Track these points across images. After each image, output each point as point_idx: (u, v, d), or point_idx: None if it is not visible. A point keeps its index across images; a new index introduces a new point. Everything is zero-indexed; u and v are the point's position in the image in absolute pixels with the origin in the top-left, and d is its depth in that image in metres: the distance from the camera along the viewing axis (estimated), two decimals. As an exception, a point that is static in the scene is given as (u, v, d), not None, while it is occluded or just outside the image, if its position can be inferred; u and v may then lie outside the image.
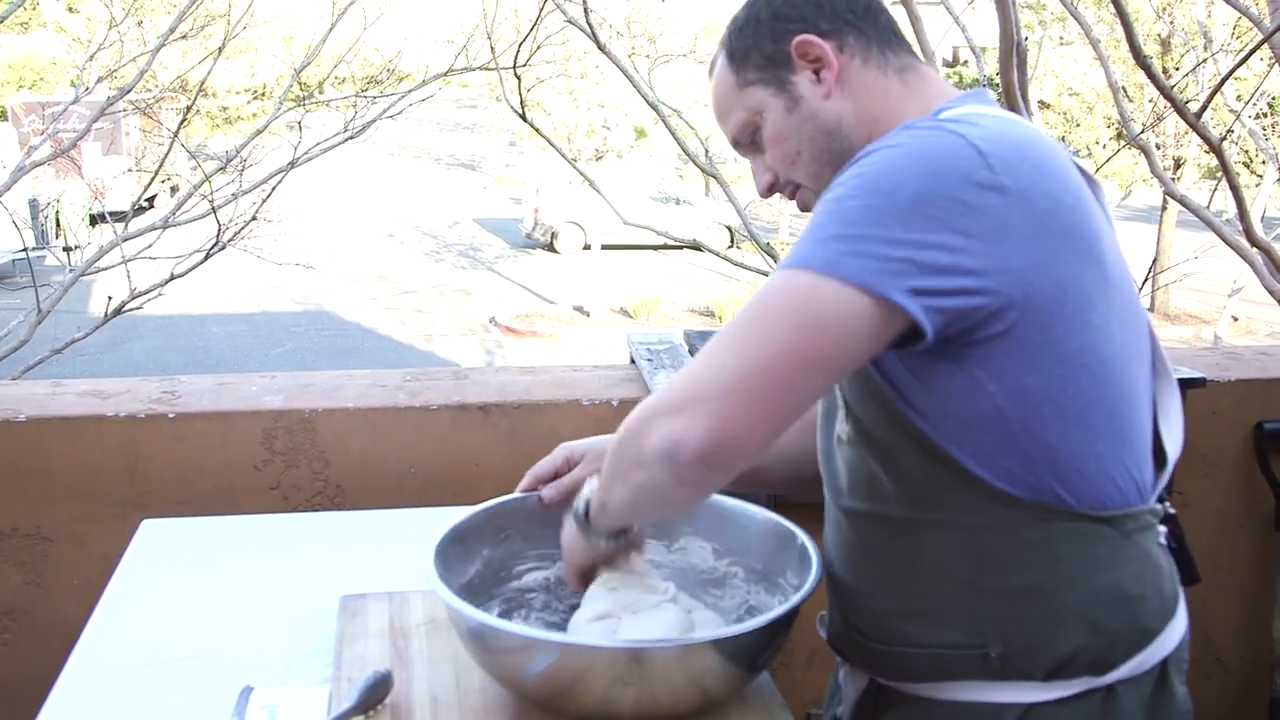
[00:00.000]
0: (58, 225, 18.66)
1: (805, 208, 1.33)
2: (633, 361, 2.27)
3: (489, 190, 27.56)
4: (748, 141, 1.36)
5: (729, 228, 22.16)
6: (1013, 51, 2.78)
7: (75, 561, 2.04)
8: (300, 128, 4.71)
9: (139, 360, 13.35)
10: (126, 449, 1.98)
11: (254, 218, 4.42)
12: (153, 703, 1.37)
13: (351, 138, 4.79)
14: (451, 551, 1.44)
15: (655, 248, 21.20)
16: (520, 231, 21.97)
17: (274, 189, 4.48)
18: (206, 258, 4.21)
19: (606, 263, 18.94)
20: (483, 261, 20.38)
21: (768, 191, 1.37)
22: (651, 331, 2.43)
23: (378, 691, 1.32)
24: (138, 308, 3.97)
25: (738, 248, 22.18)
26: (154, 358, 13.52)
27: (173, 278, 4.04)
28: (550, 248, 21.22)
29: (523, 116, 3.91)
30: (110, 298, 3.99)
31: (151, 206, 19.26)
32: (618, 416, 2.10)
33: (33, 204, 18.30)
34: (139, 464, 1.98)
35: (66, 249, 17.05)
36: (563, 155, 4.21)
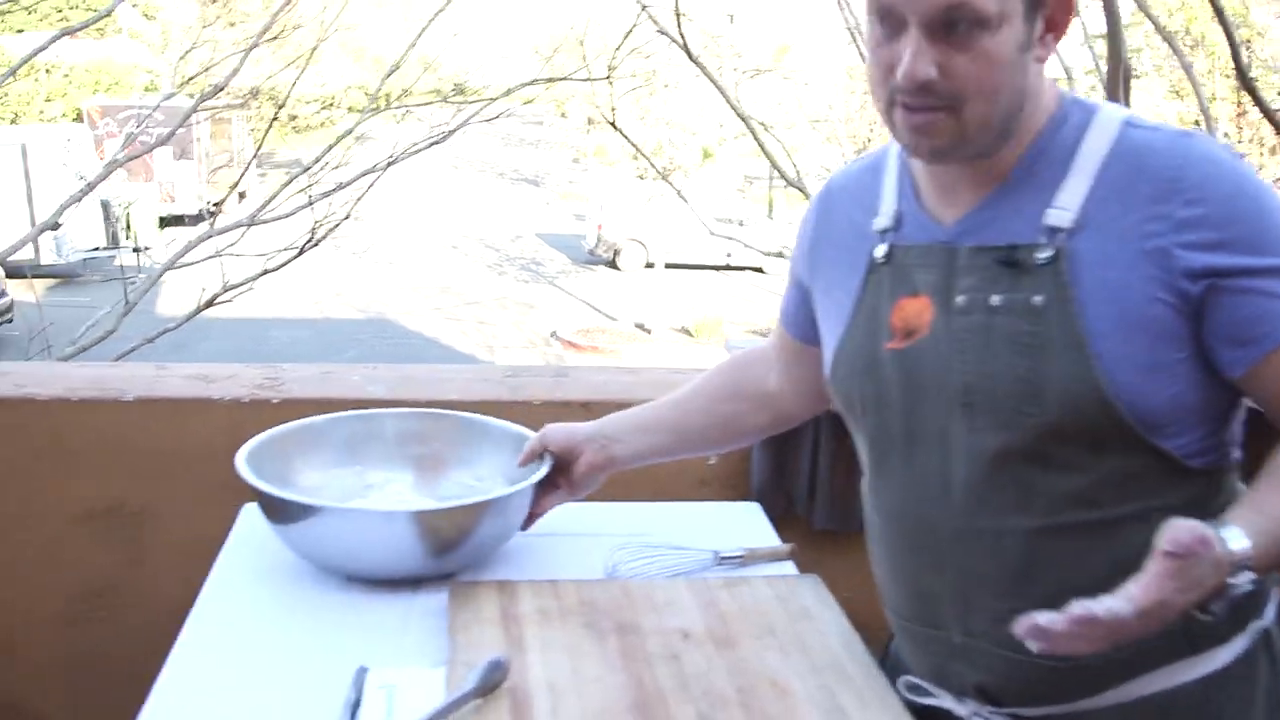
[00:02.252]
0: (128, 227, 18.96)
1: (929, 133, 1.20)
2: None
3: (552, 206, 27.71)
4: (952, 24, 1.16)
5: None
6: (1119, 71, 2.76)
7: (175, 542, 2.05)
8: (364, 135, 4.76)
9: (204, 362, 13.51)
10: (230, 432, 1.99)
11: (347, 216, 4.47)
12: (264, 682, 1.36)
13: (438, 142, 4.83)
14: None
15: (718, 268, 21.20)
16: (583, 247, 22.06)
17: (370, 187, 4.53)
18: (300, 253, 4.27)
19: (669, 281, 18.96)
20: (545, 276, 20.48)
21: (919, 85, 1.17)
22: (747, 340, 2.42)
23: (495, 676, 1.31)
24: (229, 300, 4.02)
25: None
26: (218, 360, 13.67)
27: (265, 272, 4.09)
28: (612, 265, 21.28)
29: (613, 125, 3.93)
30: (204, 289, 4.04)
31: (220, 211, 19.53)
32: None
33: (105, 205, 18.61)
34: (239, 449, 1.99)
35: (136, 250, 17.34)
36: (651, 164, 4.22)
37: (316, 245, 4.34)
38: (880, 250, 1.34)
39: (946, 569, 1.31)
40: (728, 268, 21.40)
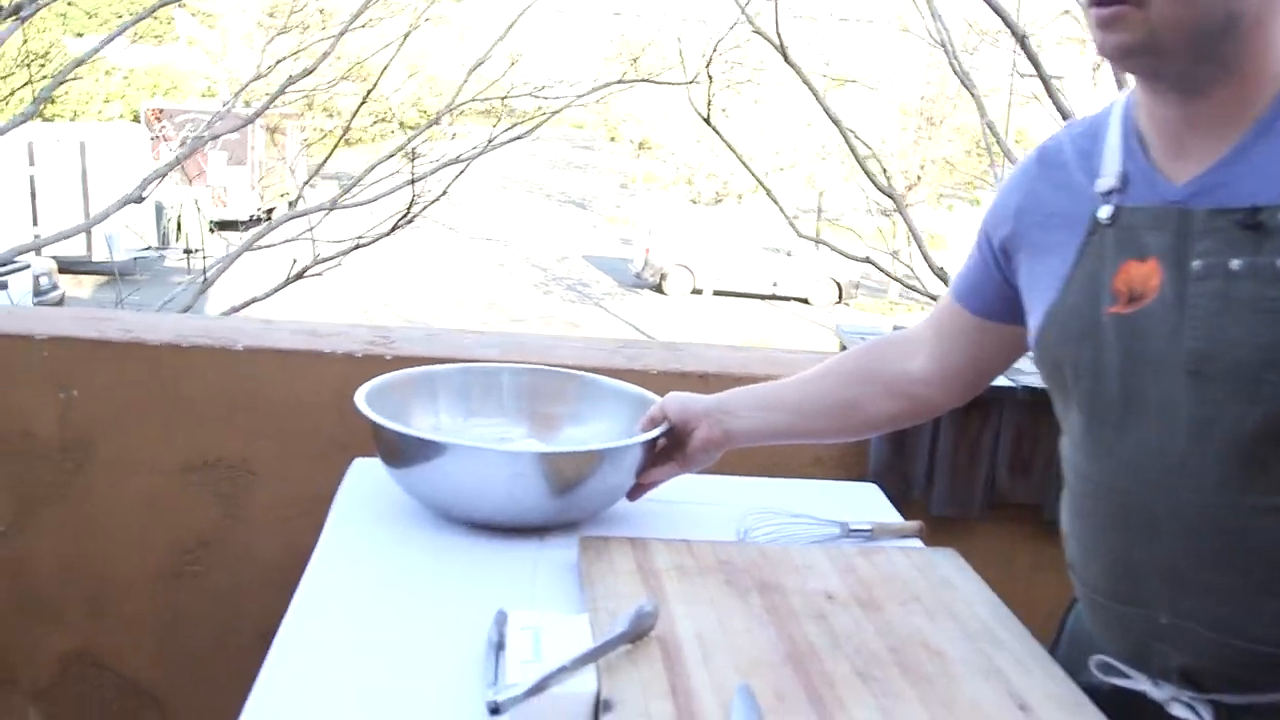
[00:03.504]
0: (178, 228, 19.10)
1: (1115, 26, 1.15)
2: (843, 348, 2.20)
3: (599, 229, 27.73)
4: None
5: (837, 282, 22.06)
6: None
7: (277, 499, 2.01)
8: (418, 151, 4.75)
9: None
10: (339, 388, 1.95)
11: (445, 192, 4.44)
12: (395, 627, 1.31)
13: (520, 137, 4.82)
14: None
15: (764, 297, 21.14)
16: (629, 271, 22.05)
17: (465, 169, 4.52)
18: (394, 229, 4.25)
19: (714, 307, 18.92)
20: (590, 297, 20.47)
21: None
22: (859, 322, 2.37)
23: (645, 622, 1.25)
24: (319, 274, 4.00)
25: (845, 303, 22.08)
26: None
27: (358, 246, 4.07)
28: (659, 289, 21.26)
29: (707, 120, 3.89)
30: (295, 260, 4.03)
31: (269, 219, 19.68)
32: (836, 396, 2.04)
33: (158, 206, 18.77)
34: (349, 404, 1.95)
35: (187, 251, 17.43)
36: (748, 168, 4.17)
37: (411, 221, 4.32)
38: (1105, 212, 1.26)
39: (1160, 544, 1.23)
40: (774, 297, 21.34)
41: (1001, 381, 2.00)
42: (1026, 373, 2.07)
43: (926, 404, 1.60)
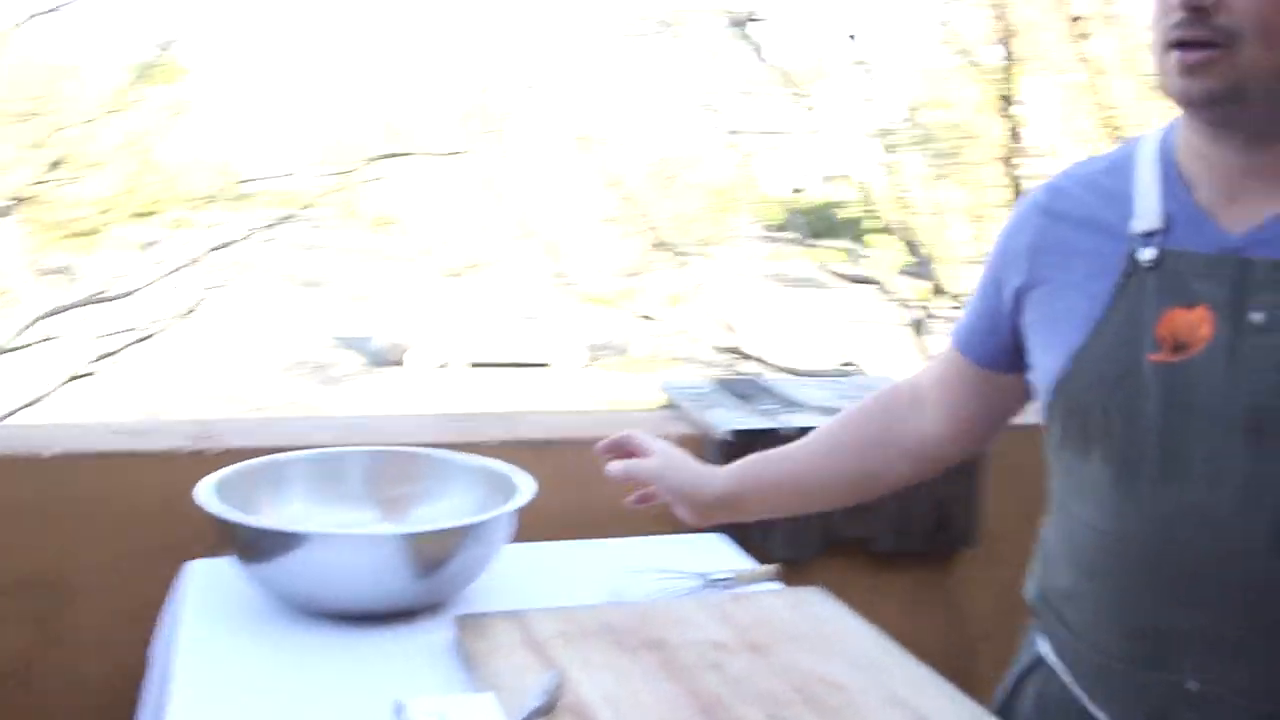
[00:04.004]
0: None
1: (1202, 73, 1.11)
2: (668, 406, 2.24)
3: (339, 309, 27.16)
4: None
5: (583, 346, 22.30)
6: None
7: (98, 614, 1.88)
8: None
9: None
10: (164, 490, 1.86)
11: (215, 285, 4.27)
12: None
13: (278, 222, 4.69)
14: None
15: (514, 365, 21.14)
16: (371, 348, 21.67)
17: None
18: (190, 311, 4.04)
19: (459, 379, 18.83)
20: (335, 379, 20.03)
21: (1192, 8, 1.10)
22: (683, 380, 2.41)
23: (557, 693, 1.24)
24: (91, 373, 3.78)
25: (591, 365, 22.31)
26: None
27: (141, 339, 3.86)
28: (400, 363, 20.98)
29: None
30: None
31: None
32: (674, 452, 2.07)
33: None
34: (177, 505, 1.85)
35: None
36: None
37: (191, 312, 4.14)
38: (1147, 254, 1.19)
39: (1198, 607, 1.17)
40: (519, 364, 21.36)
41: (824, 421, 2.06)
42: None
43: (942, 461, 1.52)
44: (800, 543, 2.07)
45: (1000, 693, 1.42)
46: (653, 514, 2.03)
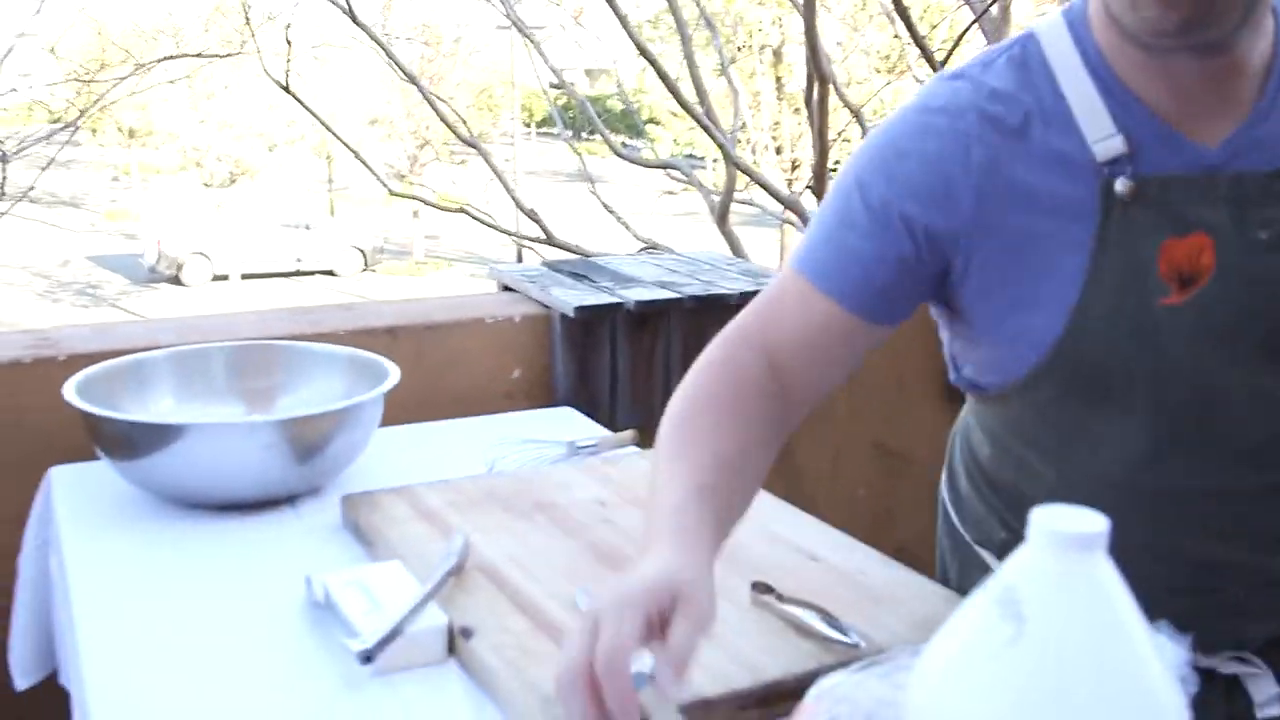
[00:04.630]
0: None
1: (1173, 6, 0.98)
2: (504, 288, 2.27)
3: (98, 227, 25.87)
4: None
5: (361, 250, 21.90)
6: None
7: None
8: None
9: None
10: (10, 400, 1.81)
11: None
12: (205, 628, 1.25)
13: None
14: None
15: (290, 274, 20.62)
16: (142, 266, 20.80)
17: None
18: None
19: (241, 291, 18.26)
20: (104, 298, 19.17)
21: None
22: (511, 265, 2.44)
23: (465, 554, 1.29)
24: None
25: (371, 270, 21.95)
26: None
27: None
28: (176, 280, 20.22)
29: (286, 89, 3.78)
30: None
31: None
32: (520, 331, 2.12)
33: None
34: (28, 416, 1.80)
35: None
36: (332, 133, 4.09)
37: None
38: (1123, 185, 1.06)
39: (1245, 531, 1.14)
40: (300, 273, 20.85)
41: (667, 294, 2.15)
42: (683, 285, 2.23)
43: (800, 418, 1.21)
44: (645, 410, 2.16)
45: None
46: (503, 392, 2.09)
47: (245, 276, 18.78)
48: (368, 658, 1.10)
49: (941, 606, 1.21)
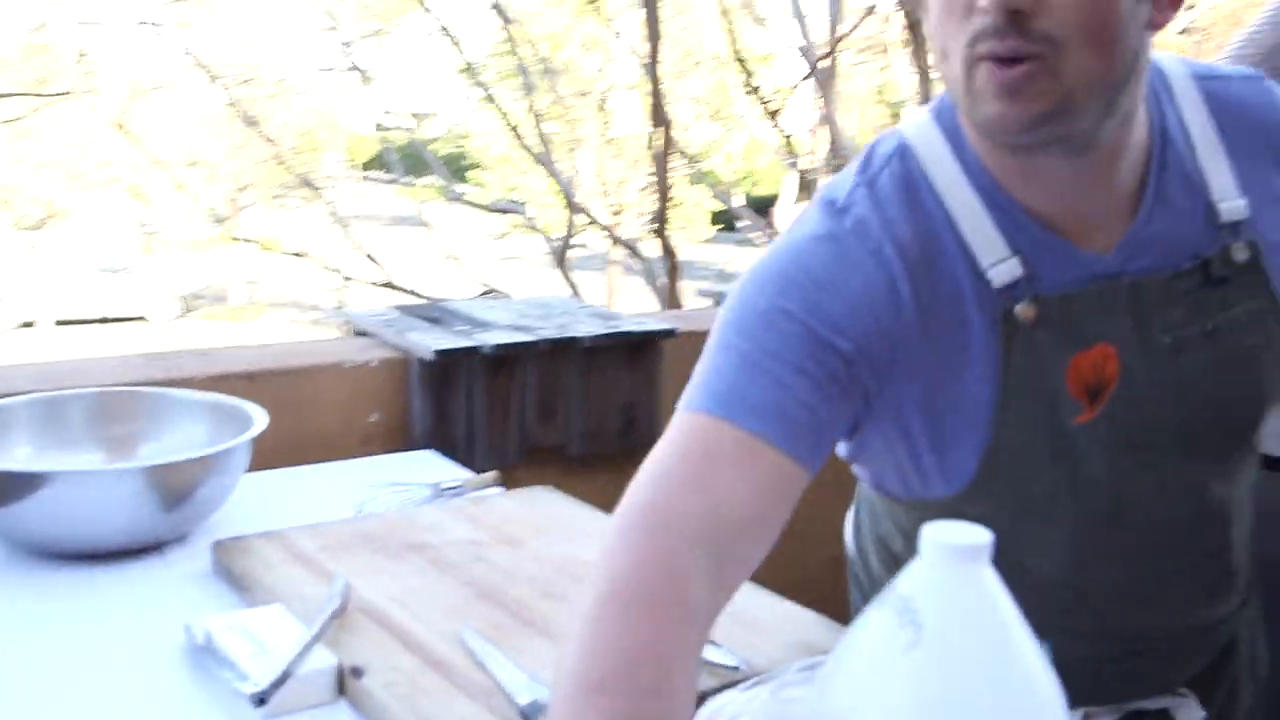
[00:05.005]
0: None
1: (1024, 93, 0.94)
2: (360, 333, 2.28)
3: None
4: None
5: (179, 296, 21.32)
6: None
7: None
8: None
9: None
10: None
11: None
12: (78, 682, 1.23)
13: None
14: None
15: (101, 321, 19.89)
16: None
17: None
18: None
19: (50, 339, 17.57)
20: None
21: (1009, 13, 0.91)
22: (364, 309, 2.45)
23: (346, 596, 1.31)
24: None
25: (188, 316, 21.36)
26: None
27: None
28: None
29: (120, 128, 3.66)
30: None
31: None
32: (377, 375, 2.13)
33: None
34: None
35: None
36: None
37: None
38: (1025, 309, 1.03)
39: (1165, 596, 1.20)
40: (110, 319, 20.15)
41: (523, 337, 2.19)
42: (541, 326, 2.28)
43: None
44: (502, 452, 2.19)
45: None
46: (361, 436, 2.10)
47: (60, 323, 18.04)
48: (261, 700, 1.11)
49: (813, 632, 1.28)
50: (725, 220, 13.63)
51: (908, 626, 0.71)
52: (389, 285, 4.35)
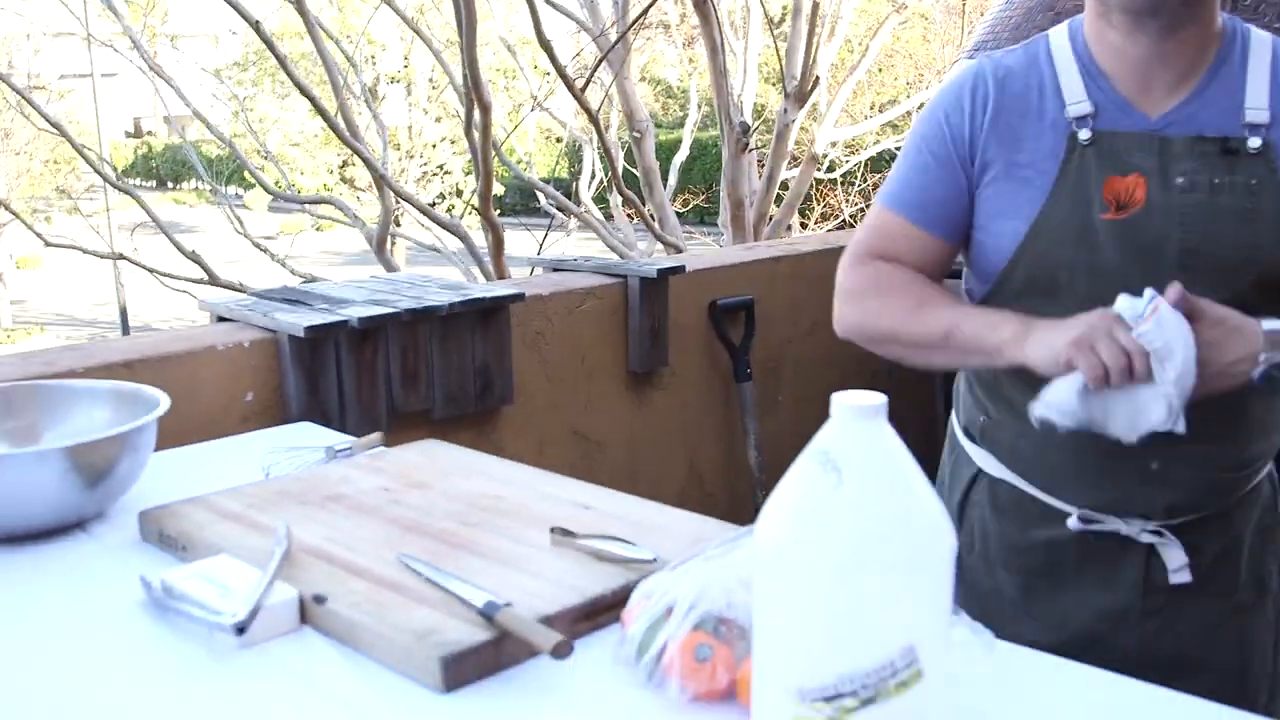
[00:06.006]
0: None
1: None
2: (219, 319, 2.38)
3: None
4: None
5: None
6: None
7: None
8: None
9: None
10: None
11: None
12: (48, 658, 1.32)
13: None
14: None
15: None
16: None
17: None
18: None
19: None
20: None
21: None
22: (220, 298, 2.53)
23: (289, 539, 1.44)
24: None
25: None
26: None
27: None
28: None
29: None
30: None
31: None
32: (250, 356, 2.24)
33: None
34: None
35: None
36: None
37: None
38: (1084, 134, 1.53)
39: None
40: None
41: (384, 310, 2.32)
42: (404, 297, 2.41)
43: None
44: (373, 419, 2.32)
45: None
46: (240, 415, 2.21)
47: None
48: (240, 629, 1.24)
49: (706, 529, 1.48)
50: (525, 204, 13.69)
51: (831, 472, 0.90)
52: (211, 281, 4.37)
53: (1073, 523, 1.63)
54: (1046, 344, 1.43)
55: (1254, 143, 1.51)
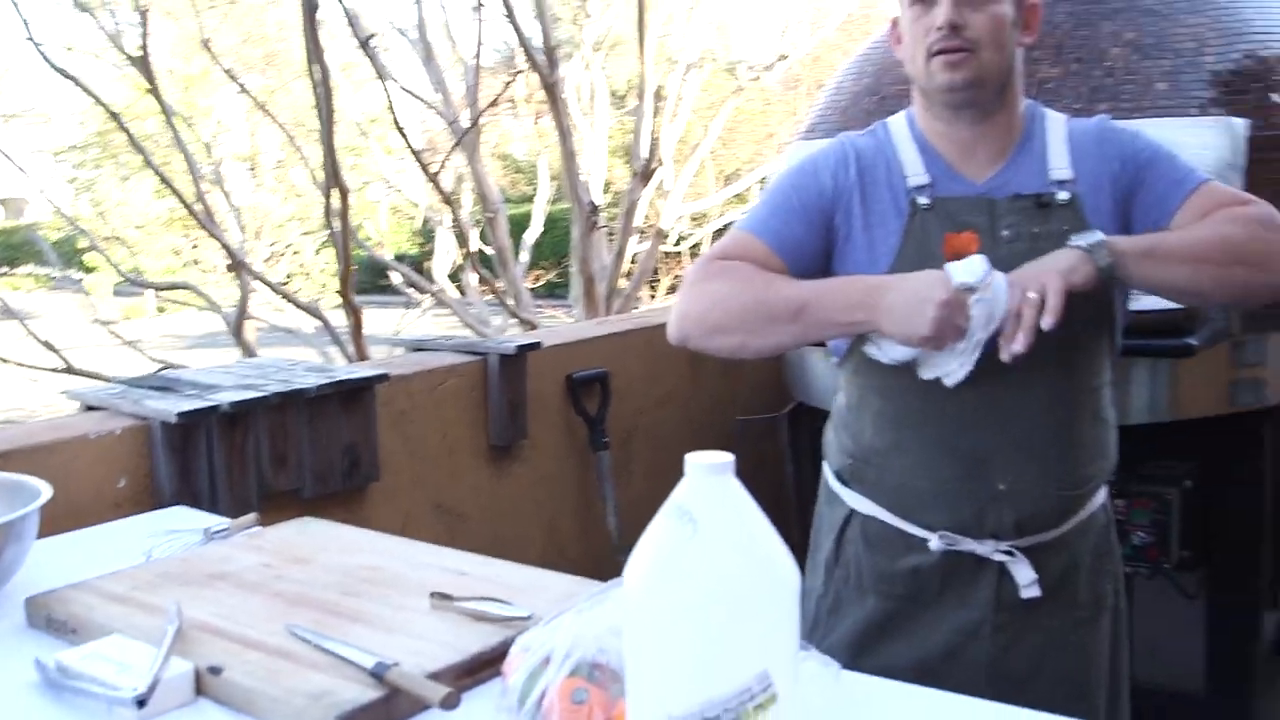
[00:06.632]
0: None
1: (960, 67, 1.77)
2: (89, 408, 2.41)
3: None
4: None
5: None
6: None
7: None
8: None
9: None
10: None
11: None
12: None
13: None
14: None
15: None
16: None
17: None
18: None
19: None
20: None
21: (952, 27, 1.75)
22: (86, 386, 2.56)
23: (180, 618, 1.51)
24: None
25: None
26: None
27: None
28: None
29: None
30: None
31: None
32: (121, 443, 2.28)
33: None
34: None
35: None
36: None
37: None
38: (924, 199, 1.82)
39: (1004, 432, 1.79)
40: None
41: (254, 394, 2.39)
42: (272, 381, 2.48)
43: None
44: (244, 501, 2.38)
45: (826, 554, 1.99)
46: (112, 501, 2.26)
47: None
48: (141, 702, 1.31)
49: (571, 586, 1.59)
50: (375, 282, 13.61)
51: (687, 523, 1.03)
52: (68, 370, 4.33)
53: (935, 544, 1.85)
54: (903, 323, 1.67)
55: (1062, 196, 1.81)
